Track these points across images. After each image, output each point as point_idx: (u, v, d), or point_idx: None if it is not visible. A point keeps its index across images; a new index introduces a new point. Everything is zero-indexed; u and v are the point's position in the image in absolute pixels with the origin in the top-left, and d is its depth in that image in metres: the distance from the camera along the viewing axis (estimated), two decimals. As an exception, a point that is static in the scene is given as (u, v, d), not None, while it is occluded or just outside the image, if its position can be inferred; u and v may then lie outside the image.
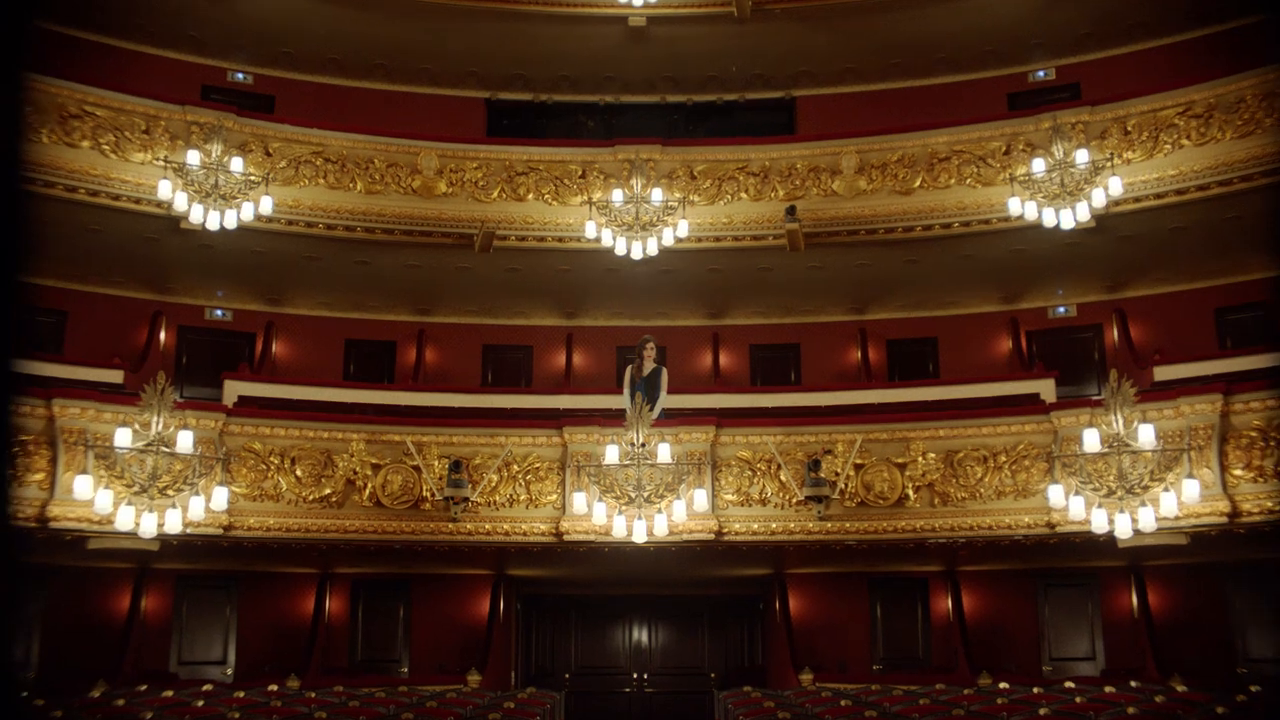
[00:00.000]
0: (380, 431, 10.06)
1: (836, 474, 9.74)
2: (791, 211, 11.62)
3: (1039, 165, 10.89)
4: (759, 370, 14.21)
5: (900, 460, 9.90)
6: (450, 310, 14.03)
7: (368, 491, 9.85)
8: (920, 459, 9.88)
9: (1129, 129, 11.14)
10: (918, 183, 11.83)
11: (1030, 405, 10.76)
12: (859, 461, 9.86)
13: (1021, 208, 10.87)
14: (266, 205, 10.86)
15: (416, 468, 9.87)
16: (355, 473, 9.88)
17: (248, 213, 10.76)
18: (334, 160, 11.80)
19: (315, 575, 12.26)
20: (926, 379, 13.56)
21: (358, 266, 12.63)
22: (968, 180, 11.69)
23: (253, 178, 10.82)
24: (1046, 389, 11.88)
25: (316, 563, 11.63)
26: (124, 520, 8.45)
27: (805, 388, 13.44)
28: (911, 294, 13.57)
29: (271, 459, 9.83)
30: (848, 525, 9.76)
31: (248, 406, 11.09)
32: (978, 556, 11.08)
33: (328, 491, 9.81)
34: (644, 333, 11.03)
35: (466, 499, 9.65)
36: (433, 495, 9.77)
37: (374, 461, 9.93)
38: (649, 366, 10.19)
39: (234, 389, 12.05)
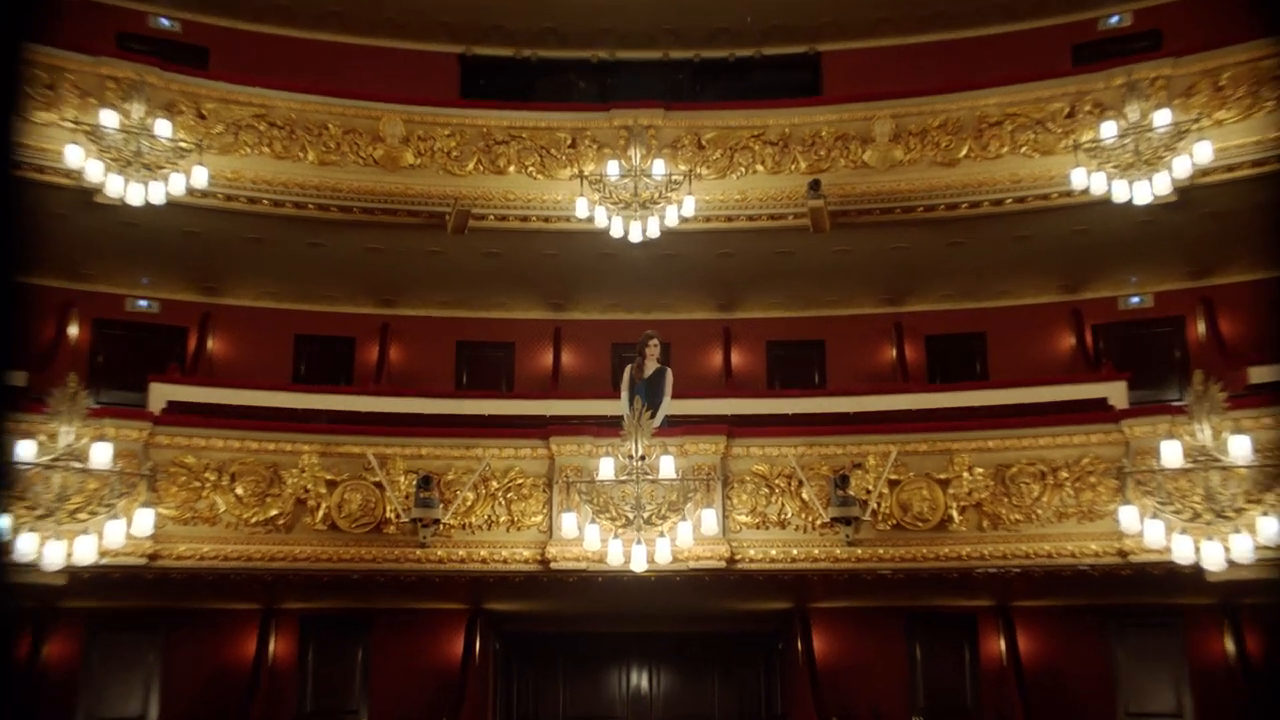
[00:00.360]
0: (336, 442, 10.00)
1: (868, 492, 9.69)
2: (815, 186, 11.56)
3: (1110, 129, 10.63)
4: (777, 371, 14.21)
5: (942, 476, 9.84)
6: (419, 301, 13.96)
7: (321, 513, 9.79)
8: (966, 475, 9.81)
9: (1222, 84, 10.90)
10: (964, 152, 11.71)
11: (1097, 412, 10.70)
12: (894, 477, 9.79)
13: (1088, 180, 10.65)
14: (200, 177, 10.65)
15: (379, 484, 9.79)
16: (307, 491, 9.81)
17: (177, 185, 10.52)
18: (280, 125, 11.66)
19: (257, 611, 12.01)
20: (973, 381, 13.45)
21: (310, 250, 12.51)
22: (1024, 148, 11.56)
23: (183, 144, 10.58)
24: (1116, 393, 11.74)
25: (259, 597, 11.43)
26: (24, 549, 8.18)
27: (831, 391, 13.42)
28: (956, 282, 13.48)
29: (207, 475, 9.71)
30: (881, 552, 9.71)
31: (178, 413, 10.96)
32: (1036, 589, 10.91)
33: (274, 513, 9.74)
34: (645, 328, 11.02)
35: (437, 521, 9.60)
36: (398, 516, 9.71)
37: (329, 478, 9.87)
38: (651, 367, 10.18)
39: (161, 393, 11.84)
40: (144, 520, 8.98)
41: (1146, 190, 10.44)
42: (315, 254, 12.60)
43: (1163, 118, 10.52)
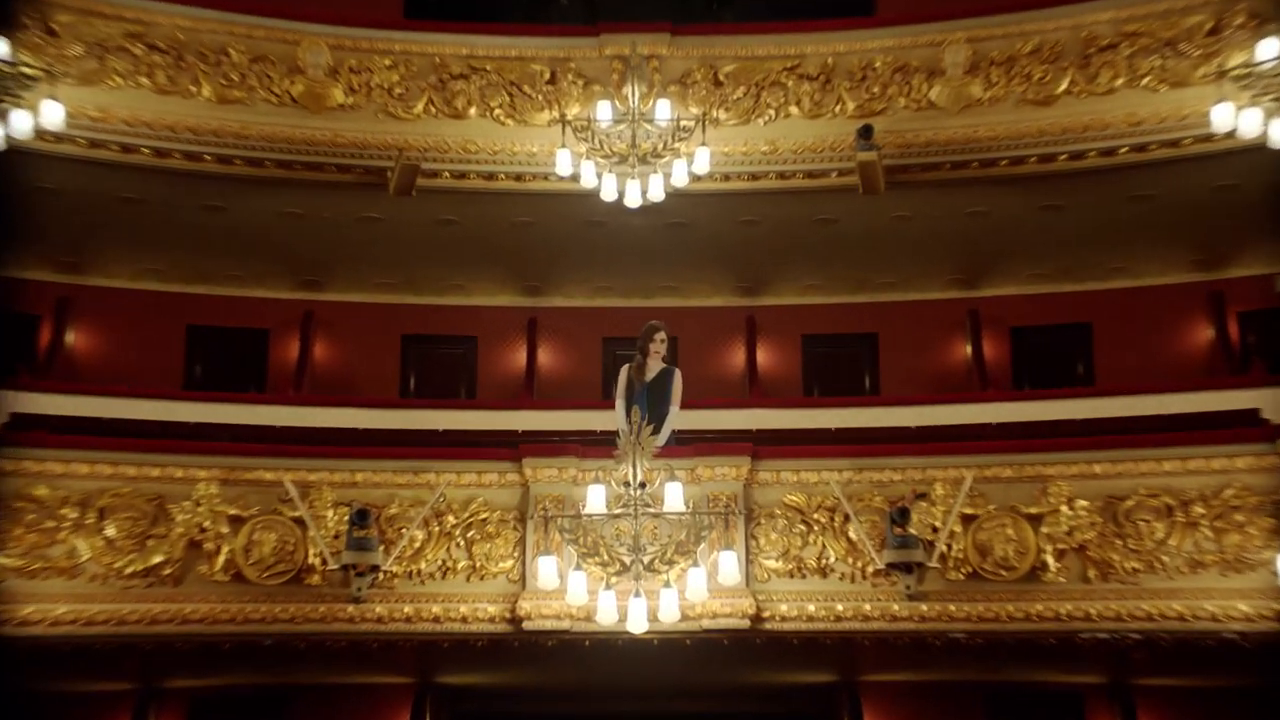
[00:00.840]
0: (243, 466, 9.91)
1: (935, 530, 9.57)
2: (867, 134, 11.50)
3: (1271, 49, 10.36)
4: (816, 373, 14.28)
5: (1034, 510, 9.69)
6: (351, 283, 14.04)
7: (222, 559, 9.62)
8: (1065, 509, 9.64)
9: None
10: (1064, 85, 11.64)
11: (1245, 427, 10.72)
12: (970, 511, 9.65)
13: (1236, 119, 10.46)
14: (53, 115, 10.47)
15: (299, 521, 9.65)
16: (203, 530, 9.64)
17: (21, 126, 10.35)
18: (164, 48, 11.56)
19: (130, 693, 11.74)
20: (1074, 387, 13.43)
21: (207, 215, 12.46)
22: (1146, 79, 11.44)
23: (26, 70, 10.38)
24: (1272, 402, 11.60)
25: (135, 673, 11.21)
26: None
27: (886, 399, 13.55)
28: (1051, 258, 13.51)
29: (65, 512, 9.48)
30: (953, 609, 9.57)
31: (26, 430, 10.86)
32: (1164, 663, 10.52)
33: (157, 560, 9.54)
34: (647, 317, 10.94)
35: (376, 567, 9.47)
36: (324, 563, 9.57)
37: (233, 513, 9.72)
38: (655, 368, 10.17)
39: (3, 402, 11.60)
40: (-26, 573, 8.73)
41: (1318, 130, 10.36)
42: (215, 220, 12.53)
43: (1346, 31, 10.47)
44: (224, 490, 9.68)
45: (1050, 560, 9.49)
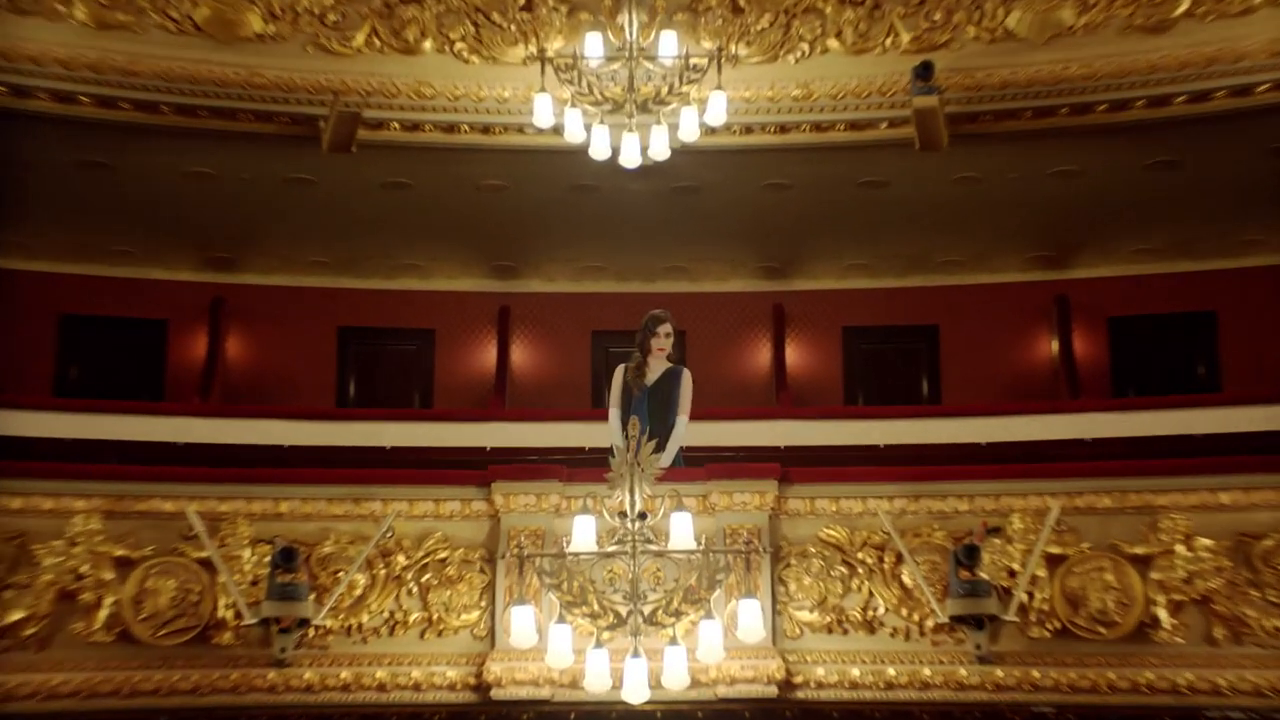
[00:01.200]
0: (134, 495, 9.68)
1: (1012, 574, 9.37)
2: (926, 73, 11.61)
3: None
4: (860, 375, 14.67)
5: (1140, 550, 9.44)
6: (275, 262, 14.34)
7: (104, 613, 9.37)
8: (1181, 549, 9.37)
9: None
10: (1183, 6, 11.68)
11: None
12: (1057, 550, 9.45)
13: None
14: None
15: (206, 563, 9.38)
16: (79, 577, 9.38)
17: None
18: None
19: None
20: (1192, 394, 13.62)
21: (86, 174, 12.54)
22: None
23: None
24: None
25: None
26: None
27: (949, 409, 13.84)
28: (1162, 229, 13.71)
29: None
30: (1036, 675, 9.29)
31: None
32: None
33: (18, 617, 9.27)
34: (648, 305, 10.86)
35: (305, 621, 9.25)
36: (239, 616, 9.29)
37: (120, 554, 9.48)
38: (659, 368, 10.23)
39: None
40: None
41: None
42: (98, 181, 12.60)
43: None
44: (108, 525, 9.44)
45: (1163, 615, 9.23)
